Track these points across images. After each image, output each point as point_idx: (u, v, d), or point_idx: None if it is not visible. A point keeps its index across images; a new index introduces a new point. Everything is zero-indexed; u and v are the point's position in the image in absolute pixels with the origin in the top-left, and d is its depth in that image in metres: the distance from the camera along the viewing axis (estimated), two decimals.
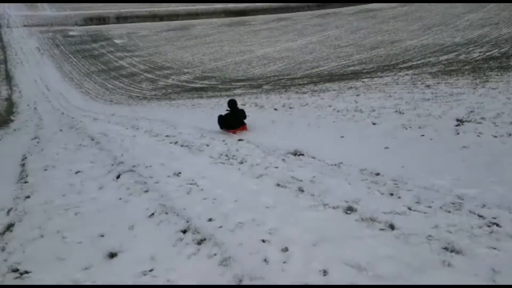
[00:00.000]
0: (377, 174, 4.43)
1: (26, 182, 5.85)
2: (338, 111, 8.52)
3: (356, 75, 22.86)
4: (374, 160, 4.91)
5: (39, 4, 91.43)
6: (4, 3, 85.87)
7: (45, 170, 6.59)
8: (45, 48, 64.84)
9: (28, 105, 37.07)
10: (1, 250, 3.47)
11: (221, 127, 8.76)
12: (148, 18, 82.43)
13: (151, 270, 2.82)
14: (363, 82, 15.31)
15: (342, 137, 6.43)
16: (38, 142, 10.69)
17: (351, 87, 13.50)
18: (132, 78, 48.41)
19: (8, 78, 50.04)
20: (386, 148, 5.52)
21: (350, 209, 3.54)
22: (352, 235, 3.09)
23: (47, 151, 8.65)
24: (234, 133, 8.37)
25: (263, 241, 3.12)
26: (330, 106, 9.33)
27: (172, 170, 5.60)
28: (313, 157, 5.31)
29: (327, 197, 3.88)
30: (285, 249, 2.95)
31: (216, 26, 77.91)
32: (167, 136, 8.68)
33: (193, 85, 39.33)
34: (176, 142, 7.80)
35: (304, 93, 13.47)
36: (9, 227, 3.98)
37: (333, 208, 3.62)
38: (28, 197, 4.98)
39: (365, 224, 3.26)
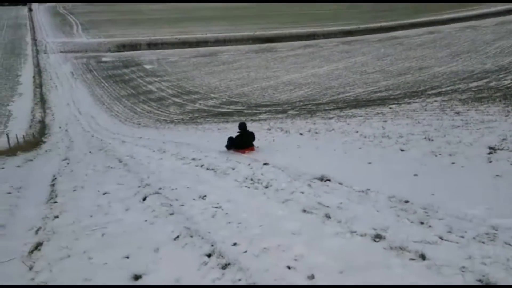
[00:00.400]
0: (406, 201, 4.31)
1: (55, 202, 5.99)
2: (365, 137, 8.43)
3: (383, 101, 22.67)
4: (402, 188, 4.79)
5: (75, 32, 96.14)
6: (43, 32, 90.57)
7: (74, 190, 6.75)
8: (78, 73, 67.61)
9: (60, 127, 38.44)
10: (29, 269, 3.54)
11: (230, 148, 9.26)
12: (178, 44, 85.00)
13: None
14: (390, 108, 15.16)
15: (370, 163, 6.33)
16: (68, 163, 11.00)
17: (378, 113, 13.37)
18: (160, 102, 49.62)
19: (43, 101, 52.20)
20: (415, 175, 5.39)
21: (378, 237, 3.44)
22: (381, 264, 2.99)
23: (77, 172, 8.88)
24: (243, 152, 8.70)
25: (289, 267, 3.06)
26: (357, 131, 9.26)
27: (198, 193, 5.63)
28: (340, 183, 5.23)
29: (355, 224, 3.79)
30: (311, 277, 2.88)
31: (243, 52, 79.48)
32: (193, 159, 8.77)
33: (220, 109, 39.91)
34: (202, 166, 7.87)
35: (330, 118, 13.44)
36: (38, 246, 4.06)
37: (361, 235, 3.53)
38: (57, 217, 5.09)
39: (394, 253, 3.15)
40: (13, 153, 15.68)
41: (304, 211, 4.34)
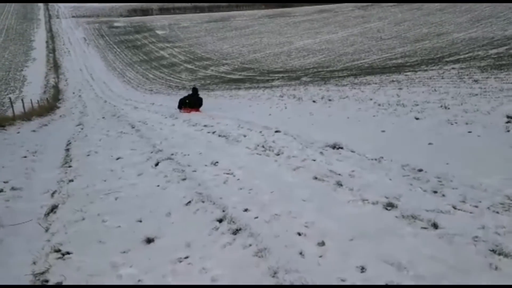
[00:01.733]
0: (420, 170, 4.25)
1: (70, 166, 6.08)
2: (379, 105, 8.28)
3: (398, 68, 22.15)
4: (416, 156, 4.72)
5: None
6: None
7: (88, 155, 6.83)
8: (90, 38, 67.26)
9: (73, 93, 38.72)
10: (45, 231, 3.62)
11: (180, 107, 12.00)
12: (190, 9, 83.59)
13: (186, 257, 2.85)
14: (406, 75, 14.81)
15: (383, 131, 6.24)
16: (82, 129, 11.12)
17: (393, 81, 13.09)
18: (172, 68, 49.35)
19: (56, 66, 52.32)
20: (429, 144, 5.29)
21: (390, 205, 3.41)
22: (392, 232, 2.98)
23: (90, 137, 8.98)
24: (189, 112, 10.70)
25: (299, 234, 3.07)
26: (371, 99, 9.09)
27: (210, 159, 5.64)
28: (353, 151, 5.18)
29: (367, 192, 3.76)
30: (322, 243, 2.88)
31: (256, 17, 77.79)
32: (205, 126, 8.76)
33: (232, 76, 39.57)
34: (213, 132, 7.86)
35: (344, 85, 13.21)
36: (53, 208, 4.15)
37: (373, 203, 3.51)
38: (71, 180, 5.17)
39: (406, 221, 3.13)
40: (28, 118, 15.88)
41: (316, 178, 4.31)
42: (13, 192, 4.91)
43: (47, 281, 2.66)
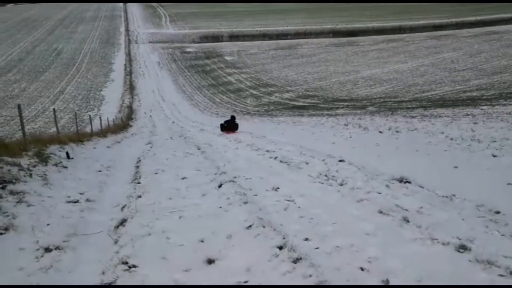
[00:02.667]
0: (497, 212, 3.93)
1: (139, 183, 6.42)
2: (452, 139, 7.84)
3: (473, 101, 20.94)
4: (493, 196, 4.37)
5: (163, 23, 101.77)
6: (135, 23, 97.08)
7: (156, 173, 7.17)
8: (164, 63, 71.56)
9: (145, 113, 41.11)
10: (114, 242, 3.83)
11: (222, 130, 15.34)
12: (258, 37, 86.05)
13: (246, 282, 2.85)
14: (482, 109, 13.95)
15: (456, 167, 5.87)
16: (151, 147, 11.72)
17: (467, 114, 12.39)
18: (238, 93, 50.77)
19: (131, 88, 56.09)
20: (509, 184, 4.88)
21: (463, 248, 3.18)
22: (464, 277, 2.76)
23: (159, 156, 9.43)
24: (228, 133, 14.26)
25: (362, 269, 2.96)
26: (442, 133, 8.64)
27: (271, 184, 5.67)
28: (421, 186, 4.92)
29: (436, 231, 3.54)
30: (386, 281, 2.75)
31: (323, 46, 78.18)
32: (267, 151, 8.84)
33: (295, 103, 39.81)
34: (275, 158, 7.90)
35: (413, 117, 12.72)
36: (122, 222, 4.38)
37: (443, 244, 3.29)
38: (139, 196, 5.44)
39: (480, 266, 2.89)
40: (104, 134, 17.10)
41: (381, 212, 4.15)
42: (87, 204, 5.27)
43: None
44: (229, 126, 15.24)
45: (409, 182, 5.13)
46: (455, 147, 7.18)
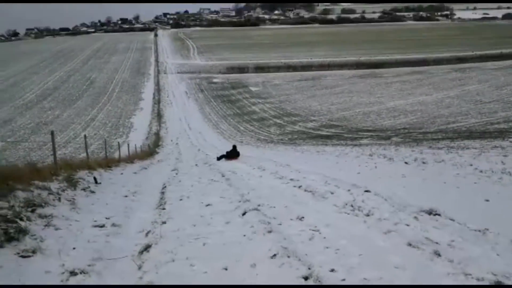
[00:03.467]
0: None
1: (164, 208, 6.46)
2: (481, 171, 7.62)
3: (501, 133, 20.38)
4: None
5: (191, 55, 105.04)
6: (165, 54, 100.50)
7: (181, 199, 7.21)
8: (191, 92, 73.34)
9: (171, 140, 41.85)
10: (138, 268, 3.84)
11: (225, 157, 17.61)
12: (283, 68, 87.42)
13: None
14: (511, 141, 13.52)
15: (487, 200, 5.67)
16: (176, 174, 11.85)
17: (495, 146, 12.04)
18: (262, 122, 51.17)
19: (159, 116, 57.51)
20: None
21: (498, 284, 3.02)
22: None
23: (184, 182, 9.51)
24: (230, 160, 16.46)
25: None
26: (471, 165, 8.41)
27: (295, 213, 5.59)
28: (452, 219, 4.75)
29: (469, 266, 3.39)
30: None
31: (346, 77, 78.52)
32: (291, 179, 8.79)
33: (319, 132, 39.72)
34: (300, 187, 7.83)
35: (439, 148, 12.45)
36: (147, 248, 4.39)
37: (477, 279, 3.14)
38: (164, 222, 5.47)
39: None
40: (131, 161, 17.45)
41: (410, 245, 4.01)
42: (113, 228, 5.33)
43: None
44: (232, 155, 18.20)
45: (439, 215, 4.97)
46: (485, 180, 6.97)
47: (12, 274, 3.54)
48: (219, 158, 17.90)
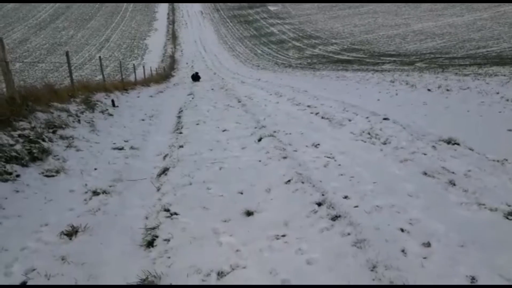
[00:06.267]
0: None
1: (180, 133, 6.52)
2: (507, 100, 7.34)
3: None
4: None
5: None
6: None
7: (197, 124, 7.25)
8: (207, 12, 70.62)
9: (186, 63, 41.33)
10: (156, 190, 3.97)
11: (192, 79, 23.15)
12: None
13: (283, 236, 2.88)
14: None
15: (510, 130, 5.51)
16: (192, 98, 11.82)
17: None
18: (280, 45, 49.61)
19: (174, 37, 56.18)
20: None
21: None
22: None
23: (200, 107, 9.50)
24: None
25: (402, 230, 2.89)
26: (498, 93, 8.09)
27: (311, 140, 5.59)
28: (471, 149, 4.67)
29: (484, 196, 3.38)
30: (427, 244, 2.68)
31: None
32: (308, 106, 8.67)
33: (340, 56, 38.47)
34: (317, 113, 7.75)
35: (466, 75, 11.95)
36: (165, 171, 4.50)
37: (490, 210, 3.14)
38: (181, 146, 5.55)
39: None
40: (147, 84, 17.41)
41: (425, 173, 4.00)
42: (131, 151, 5.45)
43: (157, 236, 2.91)
44: (195, 78, 24.18)
45: (458, 144, 4.88)
46: (511, 108, 6.72)
47: (38, 193, 3.72)
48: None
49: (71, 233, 2.98)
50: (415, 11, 60.13)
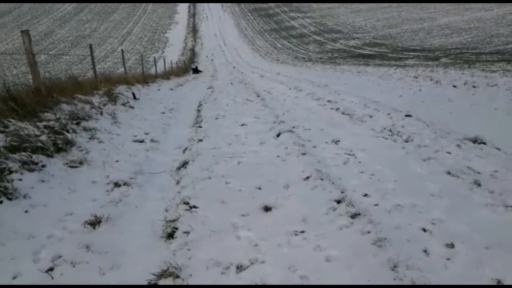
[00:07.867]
0: None
1: (200, 127, 6.56)
2: None
3: None
4: None
5: None
6: None
7: (216, 118, 7.27)
8: (227, 5, 70.50)
9: (206, 57, 41.45)
10: (176, 183, 4.00)
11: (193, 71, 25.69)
12: None
13: (302, 232, 2.85)
14: None
15: None
16: (212, 92, 11.86)
17: None
18: (300, 39, 49.22)
19: (194, 31, 56.43)
20: None
21: None
22: None
23: (219, 101, 9.53)
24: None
25: (424, 230, 2.84)
26: None
27: (331, 137, 5.53)
28: (498, 149, 4.54)
29: (511, 198, 3.28)
30: (451, 245, 2.62)
31: None
32: (328, 101, 8.59)
33: (361, 51, 37.91)
34: (337, 109, 7.67)
35: (493, 71, 11.60)
36: (184, 164, 4.53)
37: None
38: (201, 140, 5.58)
39: None
40: (168, 77, 17.57)
41: (449, 173, 3.91)
42: (152, 144, 5.51)
43: (176, 228, 2.94)
44: (196, 71, 26.46)
45: (484, 143, 4.75)
46: None
47: (63, 183, 3.80)
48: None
49: (95, 222, 3.05)
50: (440, 4, 58.60)
